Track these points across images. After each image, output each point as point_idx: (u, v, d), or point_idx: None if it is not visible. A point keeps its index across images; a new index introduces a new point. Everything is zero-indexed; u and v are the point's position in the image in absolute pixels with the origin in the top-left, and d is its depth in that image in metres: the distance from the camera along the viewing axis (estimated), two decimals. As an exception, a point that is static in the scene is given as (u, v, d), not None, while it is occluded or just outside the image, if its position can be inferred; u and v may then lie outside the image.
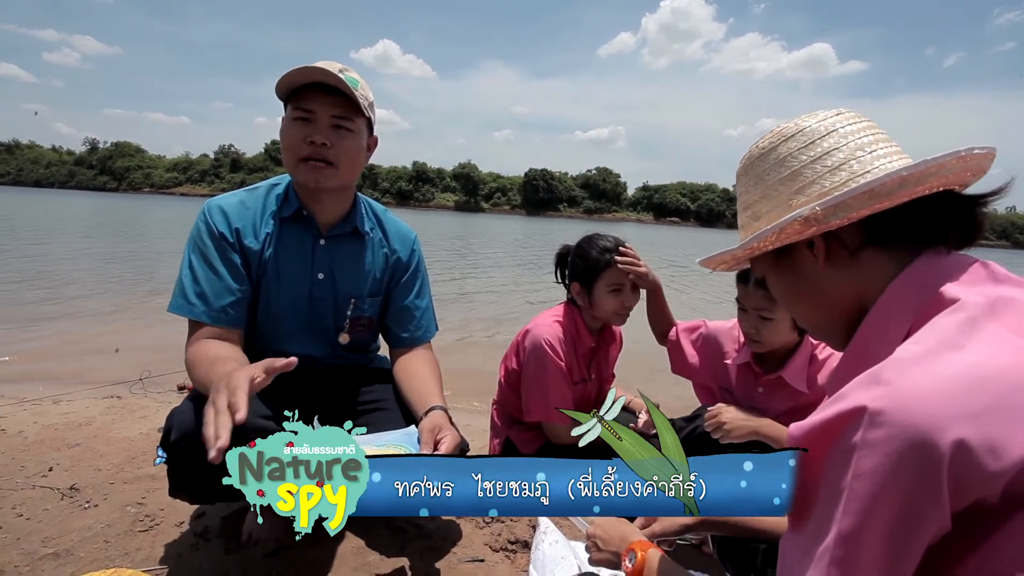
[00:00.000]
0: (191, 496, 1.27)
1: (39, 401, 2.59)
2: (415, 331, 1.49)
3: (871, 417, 0.47)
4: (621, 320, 1.75)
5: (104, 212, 26.88)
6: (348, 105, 1.24)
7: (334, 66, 1.23)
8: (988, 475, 0.44)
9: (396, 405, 1.41)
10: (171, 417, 1.18)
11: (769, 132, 0.72)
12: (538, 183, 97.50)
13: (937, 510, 0.45)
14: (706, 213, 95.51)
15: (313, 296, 1.37)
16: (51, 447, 1.96)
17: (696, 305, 8.03)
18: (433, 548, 1.43)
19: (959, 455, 0.44)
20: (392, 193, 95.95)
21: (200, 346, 1.21)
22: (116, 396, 2.78)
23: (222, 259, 1.27)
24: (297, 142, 1.23)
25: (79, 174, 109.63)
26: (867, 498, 0.47)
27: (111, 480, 1.72)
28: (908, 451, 0.45)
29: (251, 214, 1.32)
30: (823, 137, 0.66)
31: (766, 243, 0.67)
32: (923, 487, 0.45)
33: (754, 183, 0.72)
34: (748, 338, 1.47)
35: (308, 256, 1.35)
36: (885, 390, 0.48)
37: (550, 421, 1.75)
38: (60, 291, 6.27)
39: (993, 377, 0.46)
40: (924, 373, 0.48)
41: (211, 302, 1.25)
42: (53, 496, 1.60)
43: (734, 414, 1.40)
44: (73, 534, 1.41)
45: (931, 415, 0.45)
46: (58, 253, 9.70)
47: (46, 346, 4.15)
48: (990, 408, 0.45)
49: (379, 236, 1.46)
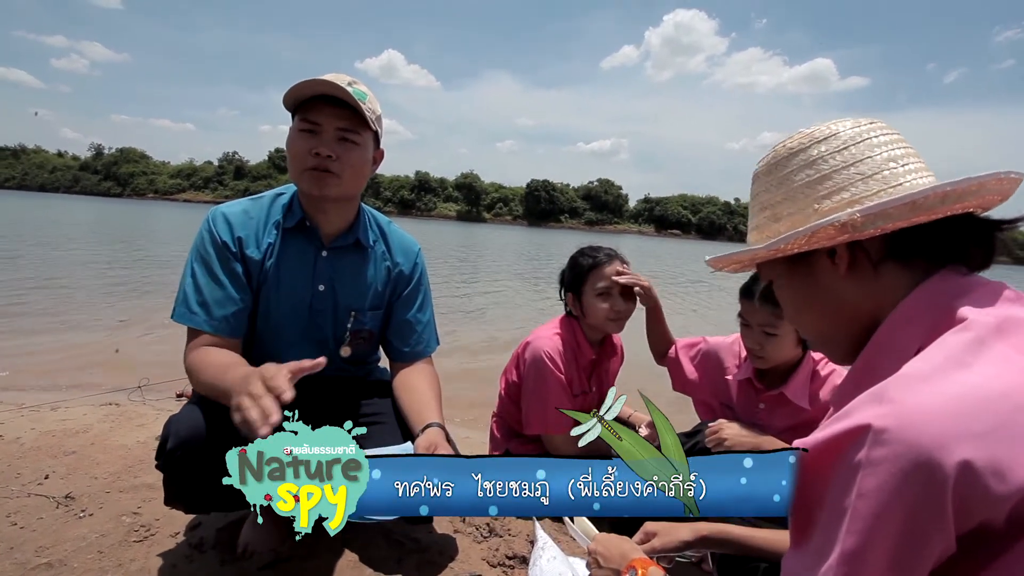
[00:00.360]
0: (187, 506, 1.26)
1: (37, 408, 2.58)
2: (416, 345, 1.49)
3: (876, 435, 0.46)
4: (616, 327, 1.74)
5: (108, 218, 26.99)
6: (355, 118, 1.25)
7: (342, 79, 1.24)
8: (994, 497, 0.43)
9: (394, 419, 1.40)
10: (168, 426, 1.18)
11: (797, 133, 0.70)
12: (540, 194, 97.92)
13: (941, 531, 0.45)
14: (707, 226, 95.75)
15: (313, 308, 1.36)
16: (48, 454, 1.95)
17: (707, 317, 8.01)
18: (430, 562, 1.42)
19: (964, 476, 0.43)
20: (394, 202, 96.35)
21: (203, 353, 1.20)
22: (114, 403, 2.77)
23: (224, 268, 1.27)
24: (303, 153, 1.24)
25: (84, 179, 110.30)
26: (871, 517, 0.46)
27: (107, 489, 1.71)
28: (913, 471, 0.44)
29: (254, 223, 1.32)
30: (856, 144, 0.64)
31: (793, 246, 0.64)
32: (927, 507, 0.44)
33: (777, 184, 0.70)
34: (751, 354, 1.47)
35: (310, 267, 1.35)
36: (890, 408, 0.47)
37: (549, 433, 1.75)
38: (61, 297, 6.27)
39: (999, 397, 0.46)
40: (930, 392, 0.47)
41: (213, 311, 1.25)
42: (48, 505, 1.59)
43: (735, 430, 1.39)
44: (67, 544, 1.40)
45: (936, 435, 0.44)
46: (62, 259, 9.73)
47: (45, 352, 4.14)
48: (996, 429, 0.44)
49: (382, 249, 1.46)
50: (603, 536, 1.03)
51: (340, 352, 1.42)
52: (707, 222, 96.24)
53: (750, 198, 0.76)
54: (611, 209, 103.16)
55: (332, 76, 1.23)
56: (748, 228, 0.76)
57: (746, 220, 0.89)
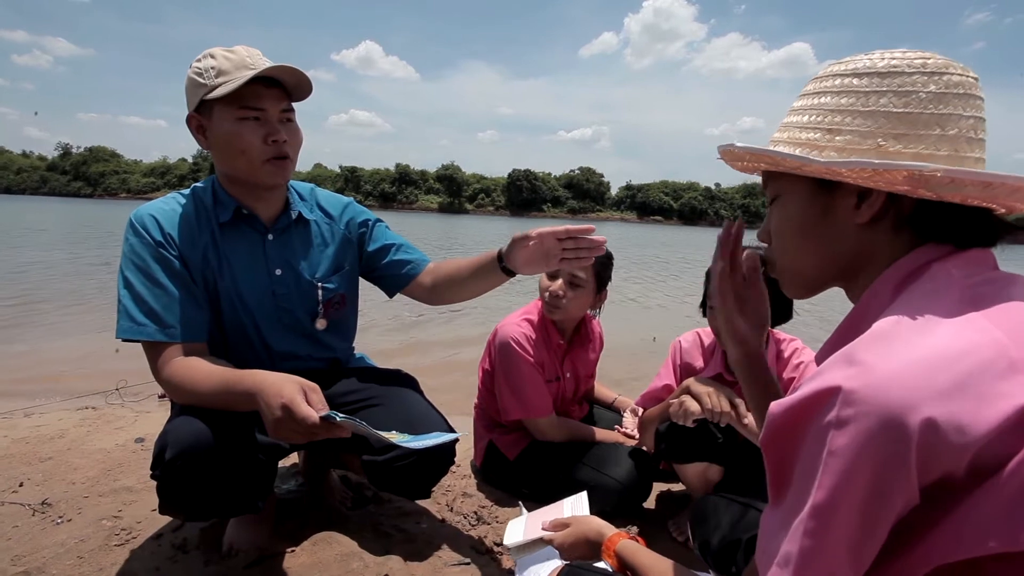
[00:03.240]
0: (186, 514, 1.24)
1: (9, 414, 2.52)
2: (414, 253, 1.49)
3: (845, 397, 0.49)
4: (550, 308, 1.72)
5: (77, 219, 26.23)
6: (288, 97, 1.24)
7: (256, 53, 1.21)
8: (954, 450, 0.46)
9: (389, 400, 1.38)
10: (164, 436, 1.14)
11: (906, 52, 0.61)
12: (522, 184, 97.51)
13: (906, 485, 0.48)
14: (689, 211, 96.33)
15: (276, 293, 1.33)
16: (21, 461, 1.90)
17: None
18: (418, 552, 1.42)
19: (927, 433, 0.46)
20: (375, 196, 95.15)
21: (181, 366, 1.15)
22: (91, 407, 2.71)
23: (165, 270, 1.19)
24: (256, 144, 1.19)
25: (52, 180, 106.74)
26: (840, 473, 0.49)
27: (85, 494, 1.67)
28: (880, 430, 0.47)
29: (184, 221, 1.25)
30: (958, 96, 0.59)
31: (852, 174, 0.58)
32: (893, 464, 0.47)
33: (854, 96, 0.61)
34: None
35: (260, 255, 1.32)
36: (858, 370, 0.50)
37: (531, 417, 1.75)
38: (33, 302, 6.10)
39: (960, 356, 0.48)
40: (896, 353, 0.50)
41: (163, 318, 1.17)
42: (23, 512, 1.55)
43: (700, 388, 1.33)
44: (45, 551, 1.37)
45: (902, 395, 0.47)
46: (31, 262, 9.44)
47: (17, 357, 4.03)
48: (956, 387, 0.47)
49: (320, 215, 1.44)
50: (562, 535, 1.09)
51: (316, 326, 1.39)
52: (688, 207, 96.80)
53: (811, 92, 0.66)
54: (593, 197, 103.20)
55: (244, 50, 1.20)
56: (787, 124, 0.67)
57: (726, 206, 0.85)
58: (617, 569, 0.94)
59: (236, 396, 1.06)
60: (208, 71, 1.17)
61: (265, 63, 1.20)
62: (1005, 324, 0.51)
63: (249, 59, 1.19)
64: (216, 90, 1.16)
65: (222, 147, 1.22)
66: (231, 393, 1.08)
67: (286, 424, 0.98)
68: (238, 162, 1.22)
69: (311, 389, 1.03)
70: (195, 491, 1.13)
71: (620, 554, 0.93)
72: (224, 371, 1.13)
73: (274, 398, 0.99)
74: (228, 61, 1.17)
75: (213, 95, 1.16)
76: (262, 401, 1.01)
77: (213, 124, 1.20)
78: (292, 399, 0.98)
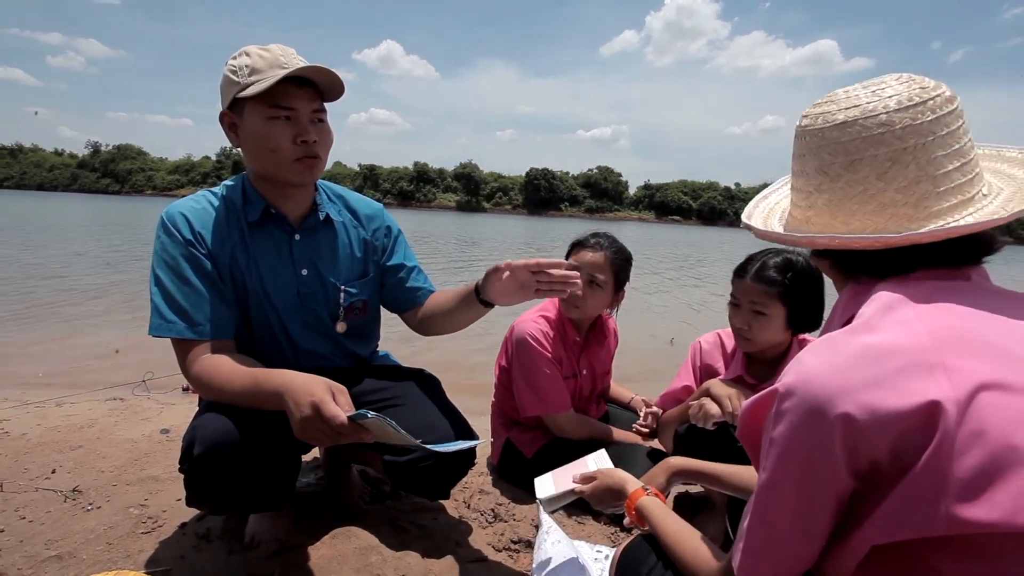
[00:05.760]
0: (213, 507, 1.25)
1: (42, 403, 2.60)
2: (425, 281, 1.51)
3: (783, 393, 0.59)
4: (569, 306, 1.73)
5: (107, 215, 26.95)
6: (320, 97, 1.24)
7: (291, 52, 1.22)
8: (872, 436, 0.53)
9: (411, 400, 1.39)
10: (191, 431, 1.16)
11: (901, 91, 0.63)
12: (539, 182, 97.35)
13: (833, 465, 0.56)
14: (708, 211, 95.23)
15: (301, 293, 1.34)
16: (54, 449, 1.96)
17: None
18: (435, 548, 1.43)
19: (847, 420, 0.54)
20: (393, 194, 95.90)
21: (209, 363, 1.17)
22: (119, 398, 2.79)
23: (195, 269, 1.21)
24: (286, 143, 1.20)
25: (82, 177, 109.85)
26: (778, 458, 0.59)
27: (113, 482, 1.72)
28: (806, 418, 0.56)
29: (214, 219, 1.26)
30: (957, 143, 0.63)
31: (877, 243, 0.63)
32: (819, 447, 0.55)
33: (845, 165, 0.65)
34: (739, 335, 1.45)
35: (287, 255, 1.32)
36: (797, 369, 0.59)
37: (550, 413, 1.74)
38: (65, 294, 6.29)
39: (886, 355, 0.55)
40: (828, 353, 0.58)
41: (192, 316, 1.18)
42: (56, 498, 1.60)
43: (722, 390, 1.36)
44: (76, 536, 1.41)
45: (825, 390, 0.55)
46: (64, 256, 9.73)
47: (50, 349, 4.16)
48: (875, 382, 0.54)
49: (349, 217, 1.44)
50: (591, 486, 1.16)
51: (336, 328, 1.41)
52: (708, 207, 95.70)
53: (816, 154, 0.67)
54: (611, 196, 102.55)
55: (278, 49, 1.21)
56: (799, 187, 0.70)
57: (745, 206, 0.83)
58: (637, 522, 1.01)
59: (264, 395, 1.07)
60: (242, 69, 1.18)
61: (299, 62, 1.20)
62: (934, 328, 0.57)
63: (283, 58, 1.19)
64: (248, 88, 1.16)
65: (252, 145, 1.22)
66: (259, 392, 1.08)
67: (313, 424, 0.98)
68: (267, 160, 1.22)
69: (339, 391, 1.02)
70: (221, 486, 1.15)
71: (640, 509, 1.00)
72: (252, 370, 1.14)
73: (304, 397, 0.99)
74: (262, 59, 1.18)
75: (245, 93, 1.16)
76: (290, 400, 1.01)
77: (244, 122, 1.21)
78: (321, 399, 0.98)
